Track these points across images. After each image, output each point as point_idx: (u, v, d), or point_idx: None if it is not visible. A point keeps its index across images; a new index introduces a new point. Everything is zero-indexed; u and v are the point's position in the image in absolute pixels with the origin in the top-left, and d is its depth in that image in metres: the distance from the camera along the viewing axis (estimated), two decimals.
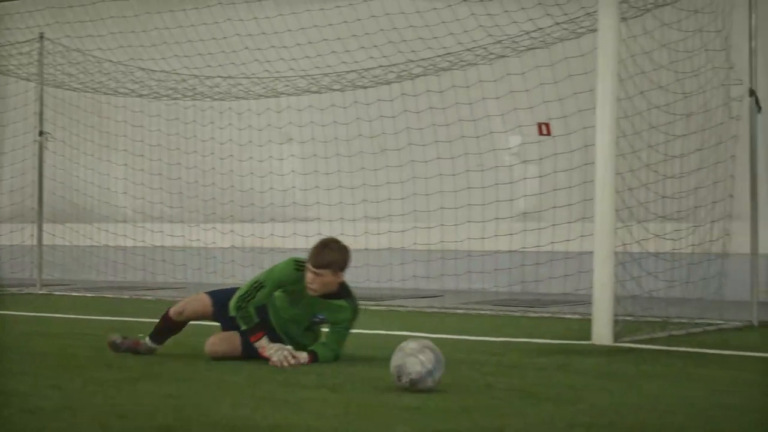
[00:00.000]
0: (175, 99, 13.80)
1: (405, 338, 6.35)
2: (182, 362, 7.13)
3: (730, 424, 5.13)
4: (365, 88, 12.57)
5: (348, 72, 12.18)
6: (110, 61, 13.16)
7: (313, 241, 13.30)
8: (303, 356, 7.00)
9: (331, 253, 6.98)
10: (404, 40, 11.61)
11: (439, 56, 11.52)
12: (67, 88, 14.22)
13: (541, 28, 10.50)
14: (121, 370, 6.76)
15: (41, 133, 14.02)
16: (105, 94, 14.11)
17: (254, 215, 14.00)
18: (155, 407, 5.36)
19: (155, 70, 12.90)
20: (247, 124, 13.83)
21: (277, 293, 7.17)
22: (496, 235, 12.35)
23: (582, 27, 9.78)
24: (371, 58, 11.89)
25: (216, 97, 13.52)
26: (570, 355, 7.91)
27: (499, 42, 10.88)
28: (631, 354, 8.11)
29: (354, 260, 12.94)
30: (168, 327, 7.39)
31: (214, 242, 14.28)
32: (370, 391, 6.01)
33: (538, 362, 7.50)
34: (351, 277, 13.30)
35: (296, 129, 13.65)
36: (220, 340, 7.22)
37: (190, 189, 14.45)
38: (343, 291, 7.15)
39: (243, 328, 7.05)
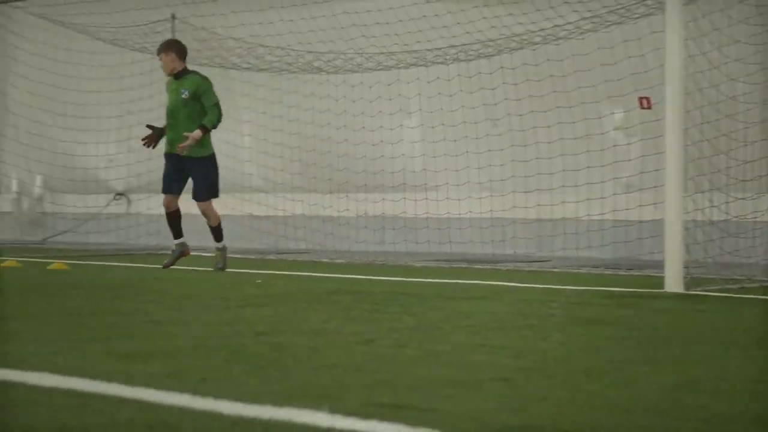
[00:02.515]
0: (294, 73, 14.90)
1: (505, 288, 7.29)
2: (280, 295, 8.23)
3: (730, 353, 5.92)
4: (467, 62, 13.48)
5: (449, 47, 13.09)
6: (233, 38, 14.29)
7: (419, 206, 14.01)
8: (194, 133, 10.72)
9: (159, 45, 11.24)
10: (496, 16, 12.49)
11: (532, 32, 12.37)
12: (195, 64, 15.38)
13: (623, 6, 11.29)
14: (230, 300, 7.89)
15: None
16: (228, 68, 15.25)
17: (367, 182, 14.98)
18: (255, 322, 6.43)
19: (274, 47, 13.96)
20: (359, 96, 14.81)
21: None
22: (585, 200, 13.12)
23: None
24: (467, 33, 12.79)
25: (330, 71, 14.54)
26: (637, 299, 8.68)
27: (586, 18, 11.69)
28: (692, 298, 8.80)
29: (458, 225, 13.94)
30: (172, 220, 11.33)
31: (330, 206, 15.30)
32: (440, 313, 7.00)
33: (604, 301, 8.34)
34: (457, 238, 13.98)
35: (405, 100, 14.60)
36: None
37: (309, 158, 15.49)
38: (188, 71, 11.10)
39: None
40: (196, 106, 10.88)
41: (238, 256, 14.13)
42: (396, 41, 13.45)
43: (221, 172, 12.08)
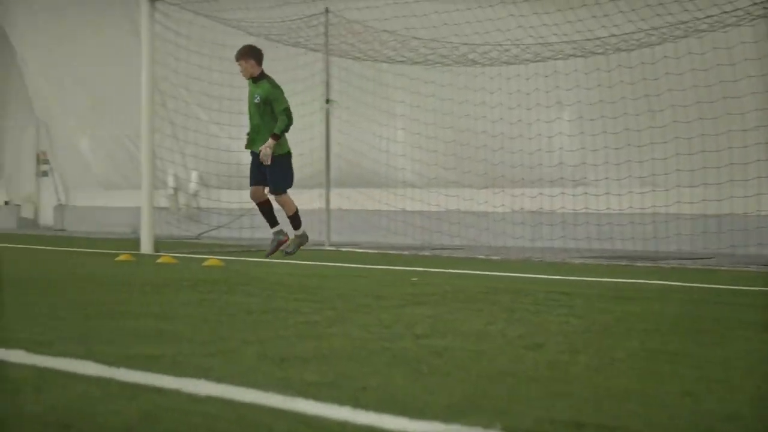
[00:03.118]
0: (448, 66, 14.61)
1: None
2: (434, 299, 7.95)
3: None
4: (628, 51, 12.99)
5: (610, 36, 12.63)
6: (386, 31, 14.08)
7: (577, 201, 13.71)
8: (267, 143, 11.70)
9: (237, 51, 11.85)
10: (661, 3, 11.98)
11: (698, 19, 11.83)
12: (349, 58, 15.26)
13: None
14: (387, 299, 7.64)
15: (328, 101, 15.11)
16: (382, 62, 15.06)
17: (523, 176, 14.64)
18: (414, 323, 6.17)
19: (428, 39, 13.70)
20: (515, 89, 14.46)
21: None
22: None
23: None
24: (629, 21, 12.31)
25: (486, 63, 14.20)
26: None
27: (728, 12, 11.13)
28: None
29: (618, 220, 13.45)
30: (264, 211, 12.16)
31: (485, 201, 15.00)
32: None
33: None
34: (617, 235, 13.60)
35: (562, 92, 14.19)
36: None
37: (463, 152, 15.21)
38: (263, 77, 11.81)
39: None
40: (267, 109, 11.77)
41: (391, 252, 13.95)
42: (554, 31, 13.05)
43: (374, 165, 11.88)
